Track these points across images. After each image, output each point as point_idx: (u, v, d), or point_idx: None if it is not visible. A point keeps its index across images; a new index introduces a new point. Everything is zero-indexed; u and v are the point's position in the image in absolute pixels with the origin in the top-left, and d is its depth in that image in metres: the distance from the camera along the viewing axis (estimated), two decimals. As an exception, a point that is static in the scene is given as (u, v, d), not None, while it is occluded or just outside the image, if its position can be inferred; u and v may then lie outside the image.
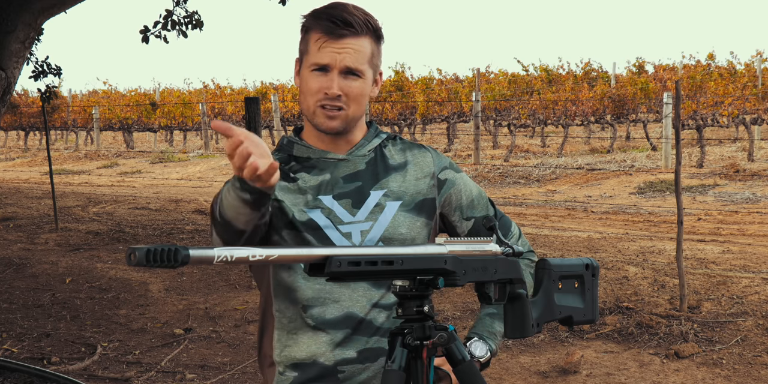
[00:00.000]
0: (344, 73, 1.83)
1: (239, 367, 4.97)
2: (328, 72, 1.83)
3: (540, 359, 4.92)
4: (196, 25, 7.60)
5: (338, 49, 1.82)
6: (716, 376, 4.57)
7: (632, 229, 9.21)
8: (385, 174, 1.92)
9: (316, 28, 1.83)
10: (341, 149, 1.92)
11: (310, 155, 1.91)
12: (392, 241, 1.86)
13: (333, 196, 1.87)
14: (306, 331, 1.86)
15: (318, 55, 1.83)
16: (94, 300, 6.51)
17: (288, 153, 1.93)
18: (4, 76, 5.98)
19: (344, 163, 1.90)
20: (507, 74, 21.74)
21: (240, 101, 20.94)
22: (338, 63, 1.82)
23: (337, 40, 1.82)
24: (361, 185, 1.89)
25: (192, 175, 17.43)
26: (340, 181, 1.88)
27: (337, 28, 1.81)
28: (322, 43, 1.82)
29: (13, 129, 26.09)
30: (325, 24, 1.82)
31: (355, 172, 1.90)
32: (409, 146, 1.99)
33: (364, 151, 1.93)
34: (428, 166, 1.96)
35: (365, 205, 1.87)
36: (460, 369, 1.64)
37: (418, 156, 1.97)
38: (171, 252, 1.33)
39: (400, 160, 1.96)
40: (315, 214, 1.84)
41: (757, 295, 5.82)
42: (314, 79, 1.84)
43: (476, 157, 16.24)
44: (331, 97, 1.83)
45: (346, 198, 1.87)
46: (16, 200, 12.74)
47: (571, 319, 1.79)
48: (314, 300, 1.85)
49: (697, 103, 15.14)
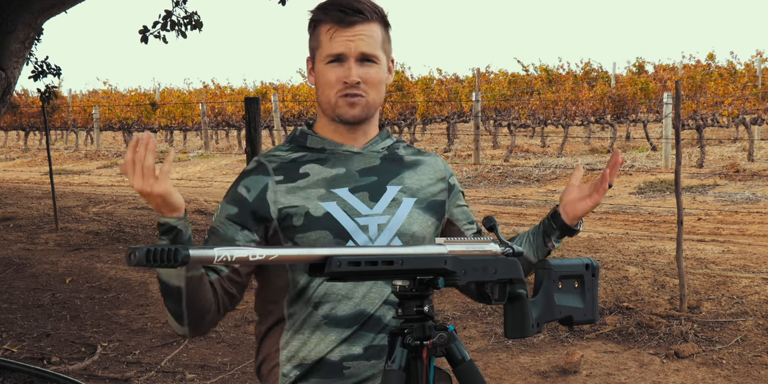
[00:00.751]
0: (360, 61, 1.83)
1: (239, 367, 4.97)
2: (344, 61, 1.83)
3: (540, 359, 4.92)
4: (196, 25, 7.61)
5: (351, 37, 1.82)
6: (716, 376, 4.57)
7: (632, 229, 9.21)
8: (400, 171, 1.93)
9: (326, 20, 1.83)
10: (358, 142, 1.92)
11: (324, 146, 1.90)
12: (405, 236, 1.86)
13: (349, 189, 1.86)
14: (315, 330, 1.84)
15: (331, 46, 1.83)
16: (94, 300, 6.51)
17: (300, 144, 1.92)
18: (4, 76, 5.98)
19: (359, 157, 1.90)
20: (507, 74, 21.73)
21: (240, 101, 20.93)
22: (353, 50, 1.82)
23: (349, 28, 1.82)
24: (378, 179, 1.89)
25: (192, 175, 17.43)
26: (356, 174, 1.88)
27: (347, 16, 1.81)
28: (334, 33, 1.82)
29: (13, 129, 26.09)
30: (335, 14, 1.82)
31: (371, 167, 1.90)
32: (419, 151, 2.02)
33: (378, 147, 1.94)
34: (441, 170, 1.99)
35: (383, 198, 1.88)
36: (460, 369, 1.64)
37: (430, 159, 2.00)
38: (171, 252, 1.33)
39: (414, 159, 1.98)
40: (331, 207, 1.83)
41: (757, 295, 5.82)
42: (331, 70, 1.84)
43: (476, 157, 16.23)
44: (351, 85, 1.83)
45: (362, 191, 1.87)
46: (16, 200, 12.74)
47: (571, 319, 1.79)
48: (326, 296, 1.84)
49: (697, 103, 15.13)
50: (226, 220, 1.84)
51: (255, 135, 5.49)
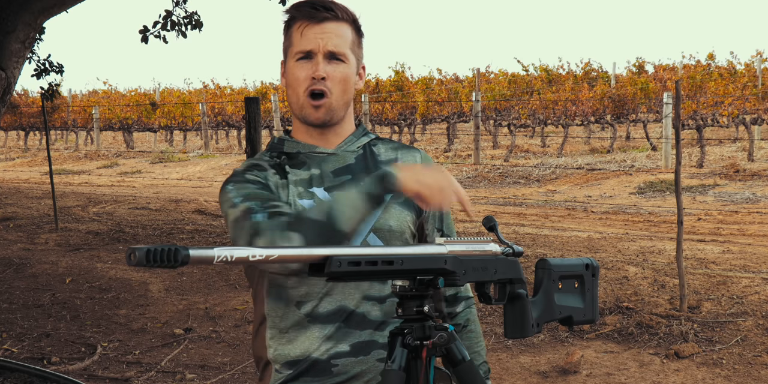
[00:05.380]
0: (328, 58, 1.86)
1: (239, 367, 4.97)
2: (312, 58, 1.85)
3: (540, 359, 4.92)
4: (196, 25, 7.61)
5: (320, 34, 1.85)
6: (716, 376, 4.57)
7: (632, 229, 9.21)
8: (375, 168, 1.92)
9: (298, 17, 1.87)
10: (330, 144, 1.92)
11: (299, 150, 1.92)
12: (381, 231, 1.86)
13: (324, 188, 1.87)
14: (299, 328, 1.85)
15: (301, 43, 1.86)
16: (94, 300, 6.51)
17: (278, 151, 1.94)
18: (4, 76, 5.98)
19: (333, 158, 1.91)
20: (507, 74, 21.73)
21: (240, 101, 20.93)
22: (321, 48, 1.85)
23: (319, 24, 1.85)
24: (351, 178, 1.89)
25: (192, 175, 17.43)
26: (330, 175, 1.89)
27: (318, 12, 1.85)
28: (304, 29, 1.85)
29: (13, 129, 26.10)
30: (306, 10, 1.86)
31: (344, 166, 1.91)
32: (399, 146, 2.01)
33: (353, 146, 1.94)
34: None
35: None
36: (459, 369, 1.64)
37: (407, 154, 1.99)
38: (171, 252, 1.33)
39: (390, 156, 1.97)
40: (307, 204, 1.84)
41: (757, 295, 5.82)
42: (299, 67, 1.86)
43: (476, 157, 16.23)
44: (317, 80, 1.85)
45: (337, 190, 1.87)
46: (16, 200, 12.74)
47: (571, 319, 1.79)
48: (307, 295, 1.84)
49: (697, 103, 15.13)
50: (257, 190, 1.81)
51: (255, 135, 5.49)
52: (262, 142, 5.42)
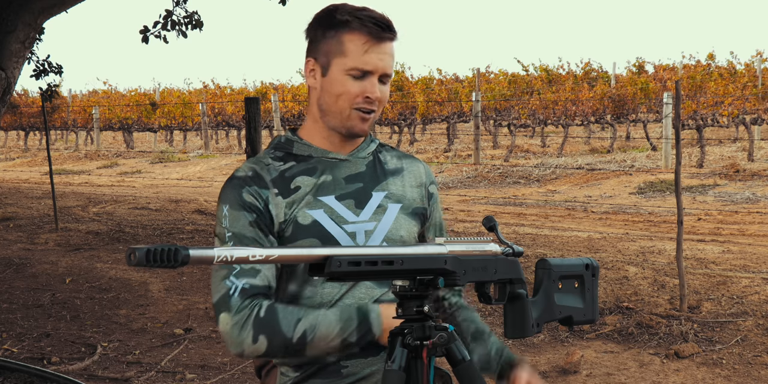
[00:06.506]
0: (380, 79, 1.83)
1: (239, 367, 4.97)
2: (367, 77, 1.81)
3: (540, 359, 4.92)
4: (196, 25, 7.61)
5: (381, 55, 1.80)
6: (716, 376, 4.57)
7: (632, 229, 9.21)
8: (384, 177, 1.92)
9: (361, 30, 1.78)
10: (345, 150, 1.91)
11: (311, 154, 1.89)
12: (393, 241, 1.86)
13: (335, 197, 1.85)
14: None
15: (362, 60, 1.79)
16: (94, 300, 6.51)
17: (286, 151, 1.90)
18: (4, 76, 5.98)
19: (345, 164, 1.90)
20: (507, 74, 21.73)
21: (240, 101, 20.93)
22: (380, 69, 1.81)
23: (381, 44, 1.80)
24: (363, 186, 1.88)
25: (192, 175, 17.43)
26: (342, 181, 1.87)
27: (383, 32, 1.79)
28: (369, 47, 1.78)
29: (13, 129, 26.10)
30: (372, 27, 1.78)
31: (356, 173, 1.89)
32: (402, 155, 2.01)
33: (364, 153, 1.93)
34: (421, 177, 1.99)
35: (368, 205, 1.87)
36: (460, 369, 1.64)
37: (412, 165, 1.99)
38: (171, 252, 1.33)
39: (397, 165, 1.97)
40: (318, 214, 1.83)
41: (757, 295, 5.82)
42: (353, 82, 1.80)
43: (476, 157, 16.24)
44: (370, 101, 1.82)
45: (348, 198, 1.86)
46: (16, 200, 12.74)
47: (571, 319, 1.79)
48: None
49: (697, 103, 15.13)
50: (248, 227, 1.80)
51: (255, 135, 5.49)
52: (262, 142, 5.42)
